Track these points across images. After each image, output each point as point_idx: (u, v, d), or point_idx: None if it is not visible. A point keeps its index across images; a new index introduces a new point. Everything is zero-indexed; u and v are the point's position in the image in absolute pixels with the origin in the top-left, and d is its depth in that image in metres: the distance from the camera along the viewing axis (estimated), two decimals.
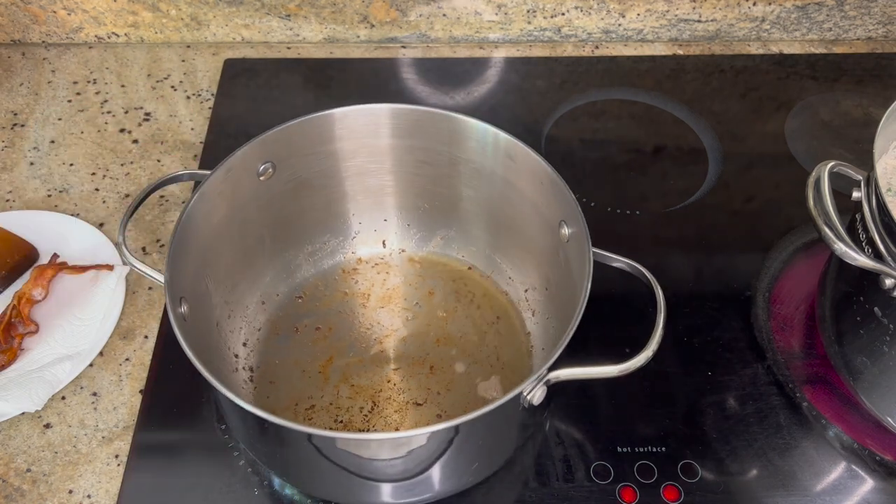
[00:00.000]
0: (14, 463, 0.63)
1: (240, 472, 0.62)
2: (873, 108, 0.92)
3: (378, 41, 0.98)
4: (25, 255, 0.73)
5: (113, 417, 0.65)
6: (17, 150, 0.85)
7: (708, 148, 0.87)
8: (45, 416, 0.65)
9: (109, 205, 0.80)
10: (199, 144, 0.86)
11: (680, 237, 0.79)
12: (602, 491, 0.61)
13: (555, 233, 0.63)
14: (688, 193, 0.83)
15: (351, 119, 0.66)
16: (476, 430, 0.53)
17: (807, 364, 0.69)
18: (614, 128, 0.90)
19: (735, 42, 1.00)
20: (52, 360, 0.67)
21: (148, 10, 0.93)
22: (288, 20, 0.96)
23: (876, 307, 0.59)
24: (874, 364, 0.61)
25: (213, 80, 0.93)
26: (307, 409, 0.65)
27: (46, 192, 0.81)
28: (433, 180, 0.71)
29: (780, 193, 0.83)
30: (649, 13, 0.96)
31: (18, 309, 0.69)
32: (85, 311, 0.70)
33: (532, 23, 0.97)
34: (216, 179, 0.62)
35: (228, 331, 0.67)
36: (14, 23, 0.94)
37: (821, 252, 0.75)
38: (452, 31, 0.98)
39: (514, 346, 0.69)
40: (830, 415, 0.66)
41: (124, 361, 0.69)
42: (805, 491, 0.62)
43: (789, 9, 0.96)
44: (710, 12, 0.97)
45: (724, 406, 0.67)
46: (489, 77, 0.95)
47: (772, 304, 0.73)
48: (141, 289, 0.73)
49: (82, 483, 0.62)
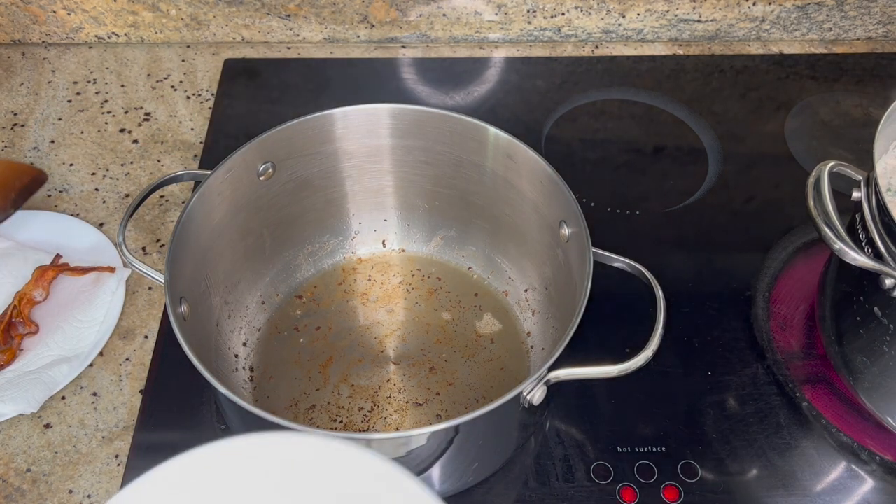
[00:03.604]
0: (14, 463, 0.63)
1: None
2: (873, 109, 0.92)
3: (378, 41, 0.98)
4: (33, 177, 0.75)
5: (113, 417, 0.65)
6: (17, 150, 0.85)
7: (708, 148, 0.87)
8: (45, 416, 0.65)
9: (109, 205, 0.80)
10: (198, 144, 0.86)
11: (680, 237, 0.79)
12: (602, 491, 0.61)
13: (555, 233, 0.63)
14: (688, 193, 0.83)
15: (351, 119, 0.66)
16: (476, 430, 0.53)
17: (807, 364, 0.69)
18: (614, 128, 0.90)
19: (735, 42, 1.00)
20: (50, 361, 0.67)
21: (148, 10, 0.93)
22: (288, 20, 0.96)
23: (876, 307, 0.59)
24: (874, 364, 0.61)
25: (213, 79, 0.93)
26: (307, 409, 0.65)
27: (46, 191, 0.81)
28: (433, 180, 0.71)
29: (779, 193, 0.83)
30: (649, 13, 0.96)
31: (19, 309, 0.69)
32: (85, 313, 0.70)
33: (532, 23, 0.97)
34: (216, 179, 0.62)
35: (228, 331, 0.67)
36: (14, 23, 0.94)
37: (821, 252, 0.75)
38: (452, 31, 0.98)
39: (513, 346, 0.69)
40: (830, 415, 0.66)
41: (124, 361, 0.69)
42: (805, 491, 0.62)
43: (789, 9, 0.96)
44: (710, 12, 0.97)
45: (724, 406, 0.67)
46: (489, 77, 0.95)
47: (772, 303, 0.73)
48: (141, 289, 0.73)
49: (82, 483, 0.62)
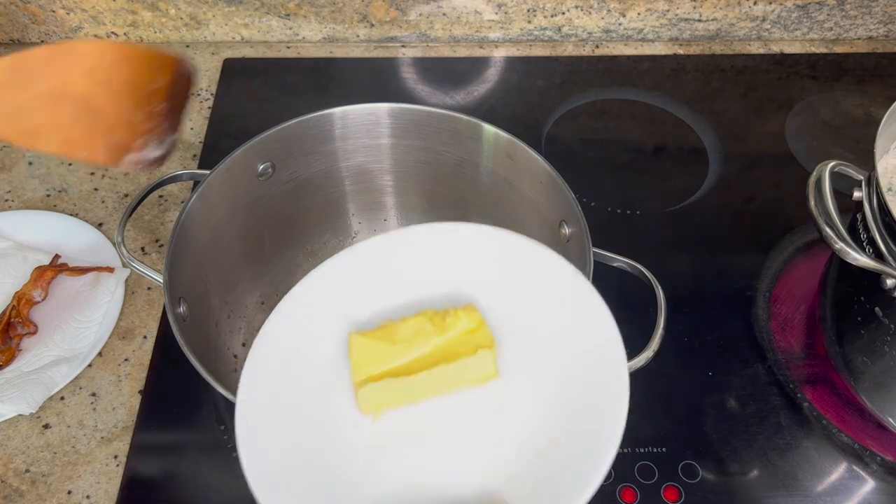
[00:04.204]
0: (13, 463, 0.63)
1: (239, 473, 0.62)
2: (874, 108, 0.91)
3: (378, 40, 0.98)
4: (174, 69, 0.48)
5: (112, 418, 0.65)
6: (16, 149, 0.84)
7: (708, 148, 0.87)
8: (43, 417, 0.65)
9: (108, 204, 0.80)
10: (198, 144, 0.86)
11: (680, 237, 0.79)
12: (602, 491, 0.61)
13: (555, 233, 0.63)
14: (688, 193, 0.83)
15: (350, 119, 0.66)
16: None
17: (807, 364, 0.69)
18: (614, 127, 0.89)
19: (735, 42, 1.00)
20: (49, 361, 0.67)
21: (147, 9, 0.93)
22: (287, 19, 0.95)
23: (877, 307, 0.59)
24: (875, 364, 0.61)
25: (212, 79, 0.93)
26: None
27: (45, 191, 0.81)
28: (433, 180, 0.71)
29: (780, 193, 0.83)
30: (650, 12, 0.96)
31: (18, 309, 0.69)
32: (84, 314, 0.70)
33: (532, 22, 0.97)
34: (215, 179, 0.61)
35: (228, 331, 0.67)
36: (13, 22, 0.94)
37: (821, 252, 0.75)
38: (452, 31, 0.97)
39: None
40: (831, 415, 0.66)
41: (123, 362, 0.68)
42: (806, 491, 0.62)
43: (790, 8, 0.96)
44: (711, 12, 0.96)
45: (724, 406, 0.66)
46: (489, 76, 0.94)
47: (772, 304, 0.73)
48: (140, 289, 0.73)
49: (81, 483, 0.62)
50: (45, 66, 0.44)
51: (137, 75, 0.47)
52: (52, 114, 0.45)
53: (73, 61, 0.45)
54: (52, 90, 0.45)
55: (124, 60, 0.46)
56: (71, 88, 0.45)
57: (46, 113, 0.45)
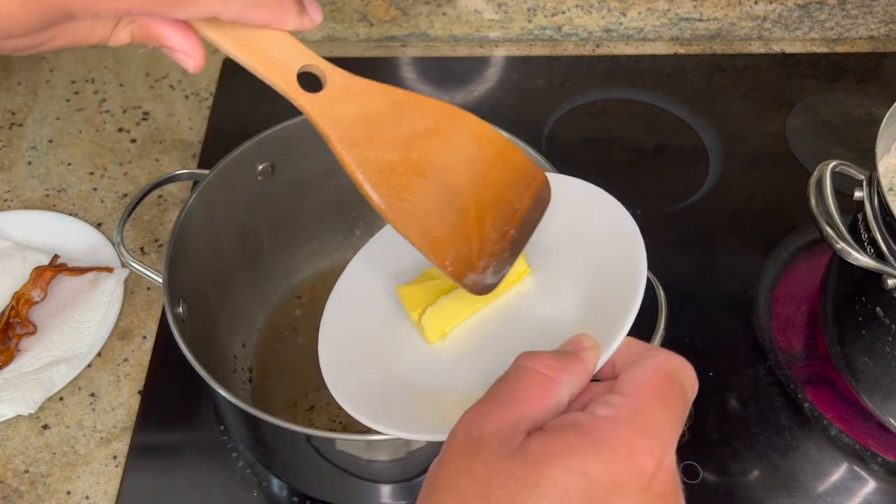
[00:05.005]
0: (12, 464, 0.62)
1: (239, 473, 0.62)
2: (875, 108, 0.91)
3: (378, 40, 0.98)
4: (537, 191, 0.44)
5: (111, 418, 0.65)
6: (15, 149, 0.84)
7: (709, 147, 0.87)
8: (42, 417, 0.65)
9: (108, 204, 0.80)
10: (197, 144, 0.85)
11: (681, 237, 0.79)
12: None
13: None
14: (689, 193, 0.82)
15: None
16: None
17: (808, 365, 0.69)
18: (615, 127, 0.89)
19: (736, 41, 0.99)
20: (48, 362, 0.67)
21: None
22: None
23: (878, 307, 0.59)
24: (876, 364, 0.61)
25: (211, 79, 0.92)
26: (306, 410, 0.64)
27: (44, 191, 0.81)
28: None
29: (781, 193, 0.83)
30: (650, 12, 0.96)
31: (17, 309, 0.69)
32: (83, 314, 0.70)
33: (532, 21, 0.97)
34: (215, 179, 0.61)
35: (227, 331, 0.67)
36: None
37: (822, 252, 0.75)
38: (452, 30, 0.97)
39: None
40: (832, 415, 0.66)
41: (122, 362, 0.68)
42: (807, 492, 0.62)
43: (791, 7, 0.96)
44: (712, 11, 0.96)
45: (725, 407, 0.66)
46: (489, 76, 0.94)
47: (773, 304, 0.73)
48: (139, 289, 0.73)
49: (80, 484, 0.62)
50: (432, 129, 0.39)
51: (508, 188, 0.41)
52: (418, 188, 0.38)
53: (457, 143, 0.39)
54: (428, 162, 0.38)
55: (503, 163, 0.41)
56: (445, 174, 0.39)
57: (414, 184, 0.38)
